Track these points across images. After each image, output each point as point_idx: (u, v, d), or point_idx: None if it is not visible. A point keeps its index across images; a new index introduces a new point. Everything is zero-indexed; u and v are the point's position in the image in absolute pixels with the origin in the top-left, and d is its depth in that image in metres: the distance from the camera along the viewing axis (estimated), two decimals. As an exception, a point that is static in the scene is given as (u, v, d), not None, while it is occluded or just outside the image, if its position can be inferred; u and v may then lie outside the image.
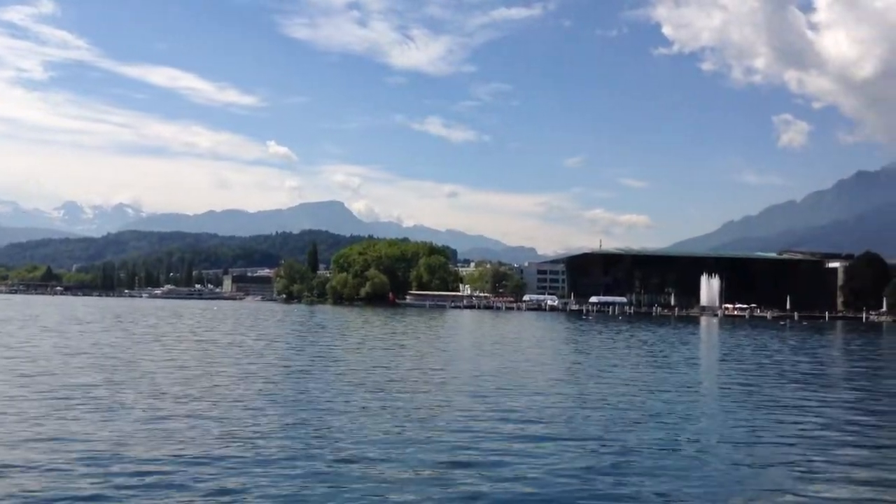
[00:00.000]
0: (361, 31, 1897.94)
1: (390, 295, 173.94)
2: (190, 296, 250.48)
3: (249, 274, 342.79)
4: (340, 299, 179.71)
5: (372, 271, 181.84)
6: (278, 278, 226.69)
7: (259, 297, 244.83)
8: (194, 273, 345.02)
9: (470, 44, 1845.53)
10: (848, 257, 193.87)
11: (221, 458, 12.90)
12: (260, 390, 21.67)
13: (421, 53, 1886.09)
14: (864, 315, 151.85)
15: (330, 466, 12.64)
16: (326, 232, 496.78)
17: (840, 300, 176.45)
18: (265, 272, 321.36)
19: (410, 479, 12.04)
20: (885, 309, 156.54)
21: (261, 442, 14.32)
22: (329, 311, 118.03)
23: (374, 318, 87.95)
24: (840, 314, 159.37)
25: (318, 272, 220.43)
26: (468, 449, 14.16)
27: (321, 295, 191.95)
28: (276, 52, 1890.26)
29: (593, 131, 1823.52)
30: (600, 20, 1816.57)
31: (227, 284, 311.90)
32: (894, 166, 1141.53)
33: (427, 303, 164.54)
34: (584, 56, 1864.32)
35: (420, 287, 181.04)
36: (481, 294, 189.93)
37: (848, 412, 20.79)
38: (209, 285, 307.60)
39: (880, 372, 36.95)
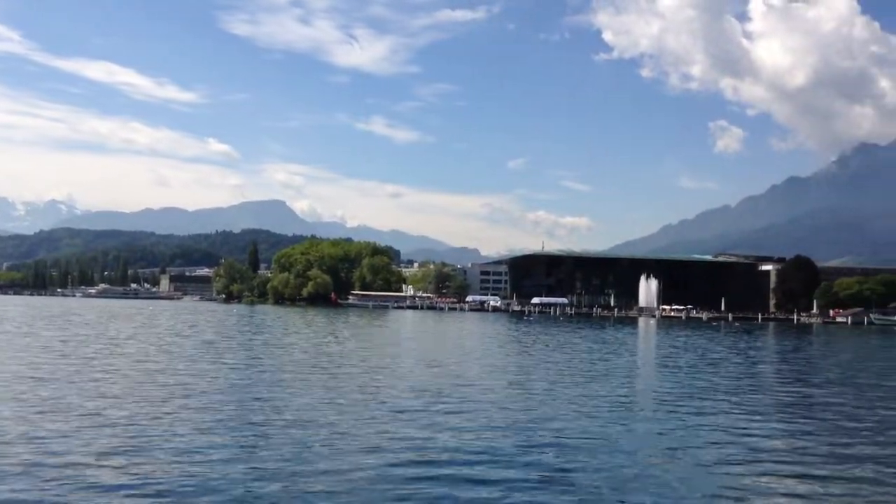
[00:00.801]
0: (304, 29, 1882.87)
1: (333, 295, 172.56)
2: (125, 295, 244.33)
3: (188, 273, 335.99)
4: (282, 299, 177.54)
5: (314, 271, 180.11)
6: (218, 278, 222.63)
7: (198, 297, 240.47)
8: (130, 272, 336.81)
9: (414, 44, 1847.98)
10: (780, 260, 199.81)
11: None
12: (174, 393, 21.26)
13: (364, 53, 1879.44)
14: (795, 316, 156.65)
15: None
16: (268, 231, 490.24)
17: (772, 302, 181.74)
18: (204, 272, 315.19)
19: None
20: (815, 310, 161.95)
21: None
22: (270, 312, 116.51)
23: (315, 319, 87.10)
24: (772, 315, 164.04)
25: (260, 272, 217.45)
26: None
27: (262, 295, 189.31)
28: (217, 49, 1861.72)
29: (537, 134, 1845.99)
30: (543, 24, 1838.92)
31: (165, 284, 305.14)
32: (824, 173, 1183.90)
33: (370, 303, 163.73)
34: (527, 59, 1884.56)
35: (363, 287, 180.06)
36: (425, 295, 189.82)
37: (770, 413, 21.43)
38: (146, 285, 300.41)
39: (809, 375, 38.13)
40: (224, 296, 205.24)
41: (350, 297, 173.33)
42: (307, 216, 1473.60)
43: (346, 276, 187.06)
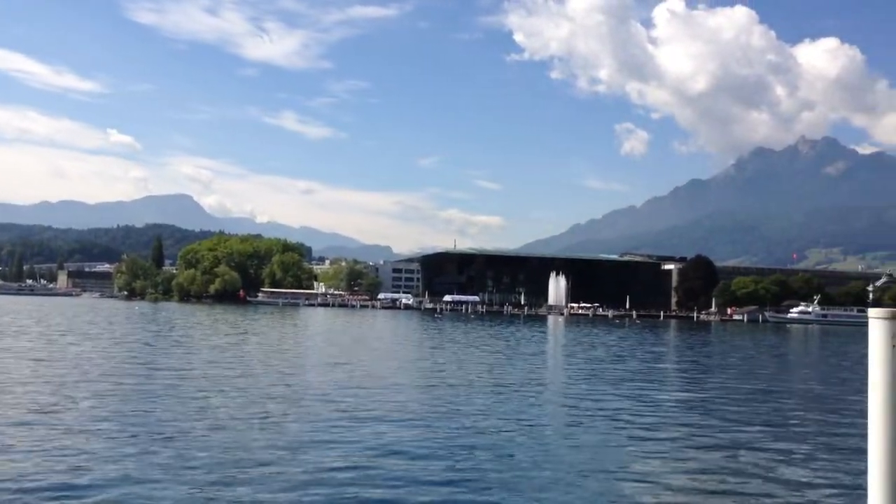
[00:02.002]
0: (212, 19, 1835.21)
1: (241, 292, 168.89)
2: (20, 291, 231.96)
3: (87, 269, 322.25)
4: (187, 297, 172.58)
5: (222, 268, 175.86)
6: (119, 274, 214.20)
7: (98, 294, 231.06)
8: (26, 267, 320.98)
9: (326, 39, 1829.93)
10: (682, 260, 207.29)
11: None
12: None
13: (275, 46, 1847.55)
14: (695, 314, 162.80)
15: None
16: (173, 226, 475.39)
17: (674, 300, 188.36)
18: (105, 268, 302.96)
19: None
20: (713, 308, 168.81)
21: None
22: (174, 309, 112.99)
23: (222, 317, 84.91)
24: (674, 313, 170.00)
25: (164, 268, 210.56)
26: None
27: (167, 292, 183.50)
28: (119, 37, 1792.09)
29: (449, 132, 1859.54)
30: (456, 24, 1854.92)
31: (63, 280, 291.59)
32: (723, 176, 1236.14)
33: (280, 301, 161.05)
34: (440, 58, 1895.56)
35: (273, 285, 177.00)
36: (336, 292, 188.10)
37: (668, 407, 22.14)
38: (42, 280, 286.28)
39: (709, 370, 39.61)
40: (126, 293, 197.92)
41: (259, 294, 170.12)
42: (215, 211, 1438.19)
43: (255, 273, 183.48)
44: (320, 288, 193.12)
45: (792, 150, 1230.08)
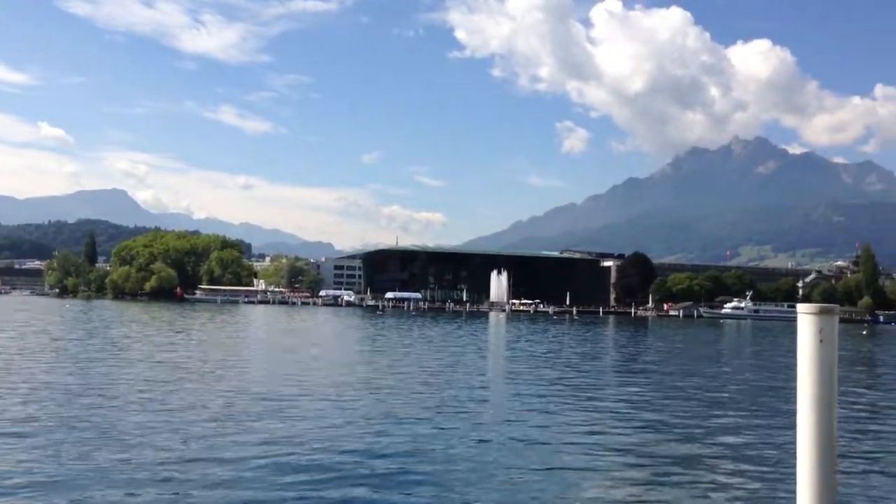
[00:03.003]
0: (147, 11, 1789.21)
1: (178, 290, 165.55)
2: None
3: (17, 266, 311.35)
4: (122, 294, 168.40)
5: (158, 265, 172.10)
6: (51, 271, 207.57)
7: (28, 292, 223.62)
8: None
9: (266, 33, 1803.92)
10: (620, 257, 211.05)
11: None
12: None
13: (213, 39, 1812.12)
14: (632, 310, 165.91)
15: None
16: (107, 222, 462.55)
17: (613, 296, 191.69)
18: (35, 264, 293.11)
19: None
20: (650, 304, 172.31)
21: None
22: (108, 307, 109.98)
23: (157, 314, 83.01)
24: (612, 309, 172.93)
25: (98, 265, 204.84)
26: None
27: (100, 290, 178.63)
28: (51, 28, 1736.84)
29: (391, 129, 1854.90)
30: (398, 20, 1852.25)
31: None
32: (660, 174, 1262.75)
33: (219, 298, 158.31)
34: (381, 54, 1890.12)
35: (211, 282, 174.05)
36: (277, 289, 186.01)
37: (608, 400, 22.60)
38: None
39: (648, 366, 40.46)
40: (58, 290, 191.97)
41: (197, 291, 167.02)
42: (151, 207, 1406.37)
43: (192, 270, 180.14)
44: (260, 285, 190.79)
45: (726, 150, 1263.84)
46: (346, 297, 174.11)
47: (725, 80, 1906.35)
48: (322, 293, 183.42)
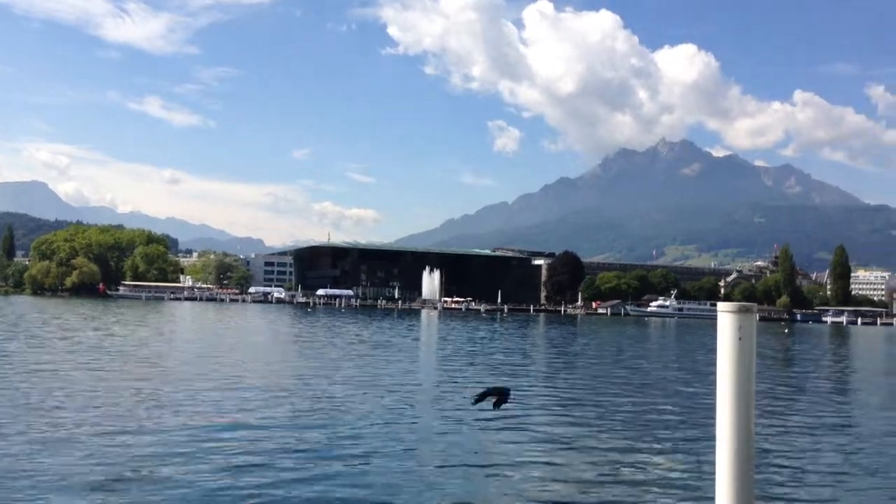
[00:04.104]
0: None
1: (101, 286, 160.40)
2: None
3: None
4: (41, 290, 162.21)
5: (80, 259, 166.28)
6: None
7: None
8: None
9: (193, 24, 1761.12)
10: (551, 256, 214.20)
11: None
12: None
13: (138, 29, 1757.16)
14: (562, 308, 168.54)
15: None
16: (26, 215, 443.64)
17: (543, 294, 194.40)
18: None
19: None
20: (580, 302, 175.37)
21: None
22: (27, 303, 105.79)
23: (79, 311, 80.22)
24: (543, 307, 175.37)
25: (16, 259, 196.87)
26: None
27: (18, 285, 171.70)
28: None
29: (323, 124, 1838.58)
30: (330, 14, 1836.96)
31: None
32: (590, 175, 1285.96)
33: (143, 294, 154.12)
34: (314, 48, 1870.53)
35: (136, 278, 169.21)
36: (204, 286, 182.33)
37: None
38: None
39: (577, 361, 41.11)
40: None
41: (121, 287, 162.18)
42: (72, 200, 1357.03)
43: (116, 265, 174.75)
44: (187, 282, 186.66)
45: (653, 152, 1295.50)
46: (276, 294, 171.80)
47: (653, 84, 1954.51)
48: (252, 290, 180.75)
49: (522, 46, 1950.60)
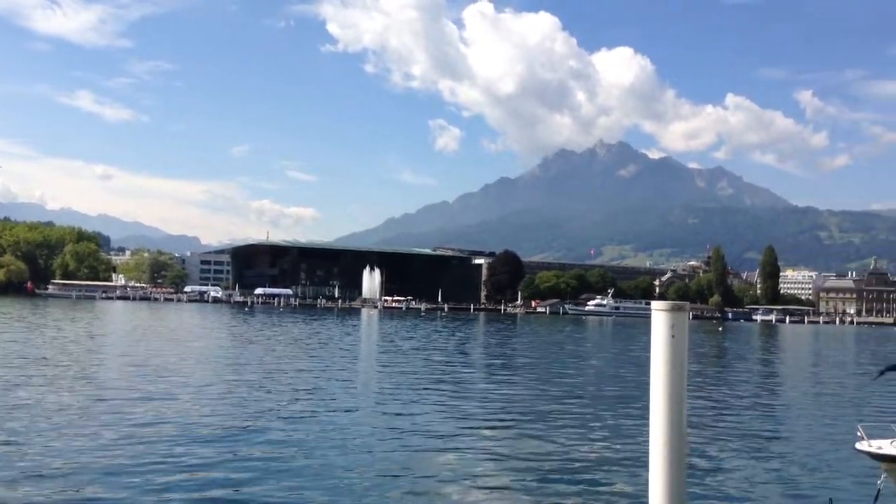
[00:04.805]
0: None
1: (29, 284, 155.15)
2: None
3: None
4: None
5: (7, 257, 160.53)
6: None
7: None
8: None
9: (125, 16, 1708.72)
10: (491, 255, 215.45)
11: None
12: None
13: (69, 21, 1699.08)
14: (502, 307, 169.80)
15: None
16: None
17: (484, 293, 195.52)
18: None
19: None
20: (519, 301, 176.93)
21: None
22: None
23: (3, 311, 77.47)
24: (483, 306, 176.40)
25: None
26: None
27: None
28: None
29: (261, 121, 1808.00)
30: (267, 10, 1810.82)
31: None
32: (530, 175, 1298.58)
33: (74, 293, 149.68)
34: (250, 44, 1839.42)
35: (66, 276, 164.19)
36: (137, 285, 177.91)
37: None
38: None
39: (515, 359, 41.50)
40: None
41: (50, 286, 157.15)
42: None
43: (45, 263, 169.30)
44: (120, 280, 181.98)
45: (591, 153, 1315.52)
46: (212, 293, 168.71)
47: (591, 86, 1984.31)
48: (187, 289, 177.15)
49: (463, 46, 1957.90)
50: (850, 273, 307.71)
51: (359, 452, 13.73)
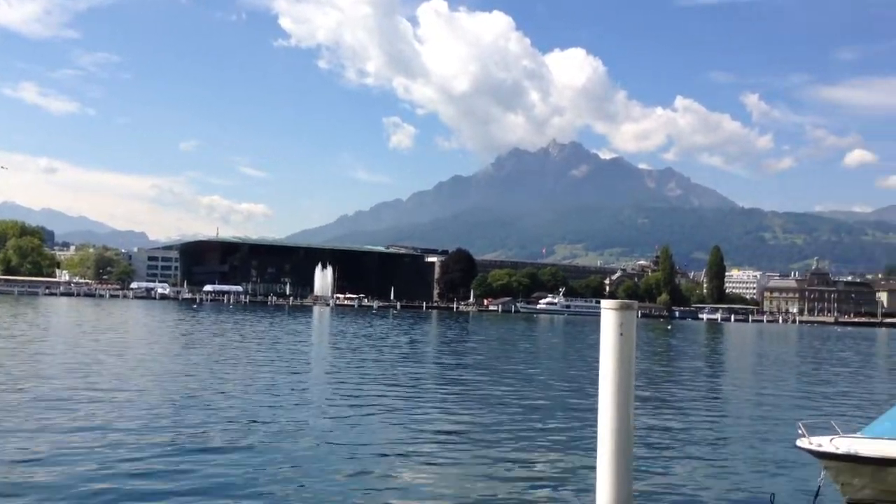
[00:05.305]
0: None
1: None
2: None
3: None
4: None
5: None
6: None
7: None
8: None
9: (72, 7, 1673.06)
10: (444, 253, 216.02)
11: None
12: None
13: (13, 11, 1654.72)
14: (455, 305, 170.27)
15: None
16: None
17: (436, 291, 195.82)
18: None
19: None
20: (472, 300, 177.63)
21: None
22: None
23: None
24: (436, 304, 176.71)
25: None
26: None
27: None
28: None
29: (211, 115, 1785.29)
30: (219, 2, 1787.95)
31: None
32: (483, 173, 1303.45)
33: (16, 289, 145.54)
34: (202, 37, 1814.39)
35: (8, 272, 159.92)
36: (82, 280, 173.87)
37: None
38: None
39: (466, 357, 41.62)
40: None
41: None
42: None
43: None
44: (64, 276, 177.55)
45: (544, 153, 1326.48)
46: (160, 290, 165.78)
47: (545, 86, 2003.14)
48: (134, 285, 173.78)
49: (417, 44, 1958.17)
50: (792, 273, 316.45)
51: (302, 456, 13.56)
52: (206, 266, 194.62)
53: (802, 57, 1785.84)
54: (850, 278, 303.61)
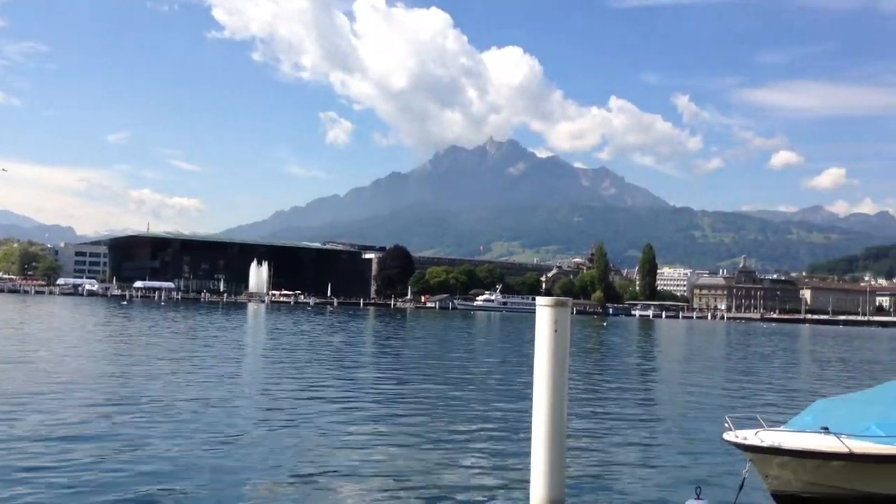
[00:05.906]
0: None
1: None
2: None
3: None
4: None
5: None
6: None
7: None
8: None
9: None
10: (381, 249, 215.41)
11: None
12: None
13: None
14: (392, 302, 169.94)
15: None
16: None
17: (374, 288, 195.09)
18: None
19: None
20: (409, 296, 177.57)
21: None
22: None
23: None
24: (373, 301, 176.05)
25: None
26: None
27: None
28: None
29: (142, 108, 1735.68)
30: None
31: None
32: (421, 170, 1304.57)
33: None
34: (132, 28, 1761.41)
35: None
36: (5, 276, 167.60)
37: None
38: None
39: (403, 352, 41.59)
40: None
41: None
42: None
43: None
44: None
45: (481, 150, 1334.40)
46: (87, 286, 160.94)
47: (482, 84, 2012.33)
48: (60, 281, 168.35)
49: (354, 38, 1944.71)
50: (721, 271, 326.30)
51: (229, 456, 13.34)
52: (136, 262, 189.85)
53: (729, 60, 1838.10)
54: (775, 276, 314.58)
